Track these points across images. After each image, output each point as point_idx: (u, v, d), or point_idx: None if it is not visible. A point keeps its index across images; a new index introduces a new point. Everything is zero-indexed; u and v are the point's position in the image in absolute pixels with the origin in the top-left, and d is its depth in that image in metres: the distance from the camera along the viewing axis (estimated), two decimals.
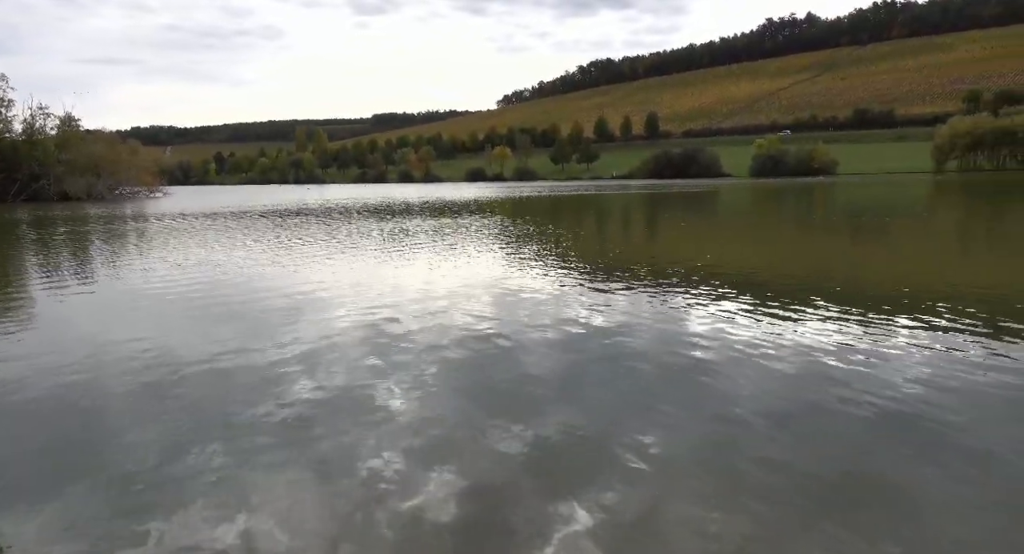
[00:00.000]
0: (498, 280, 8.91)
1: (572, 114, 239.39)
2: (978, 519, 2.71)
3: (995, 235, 15.45)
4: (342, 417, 3.92)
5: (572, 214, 26.68)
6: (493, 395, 4.30)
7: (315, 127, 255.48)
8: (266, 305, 7.40)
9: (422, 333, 5.93)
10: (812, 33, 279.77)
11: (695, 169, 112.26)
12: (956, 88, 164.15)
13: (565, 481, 3.08)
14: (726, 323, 6.14)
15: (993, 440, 3.44)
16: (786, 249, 13.41)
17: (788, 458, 3.28)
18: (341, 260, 11.42)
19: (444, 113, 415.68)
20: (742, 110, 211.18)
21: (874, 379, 4.43)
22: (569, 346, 5.49)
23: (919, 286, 8.06)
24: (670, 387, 4.40)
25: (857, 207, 27.03)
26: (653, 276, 8.99)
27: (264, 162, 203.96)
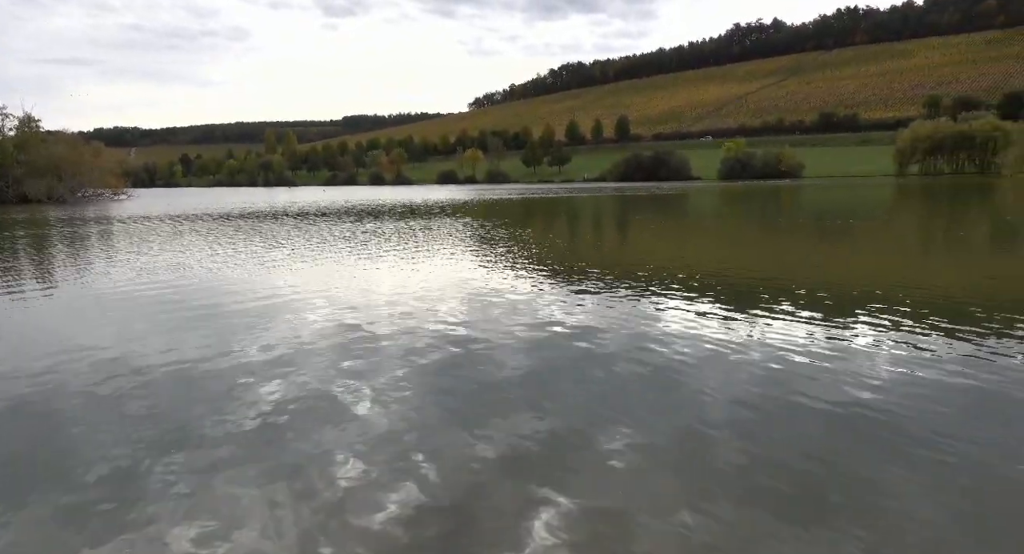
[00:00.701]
0: (470, 282, 8.89)
1: (543, 117, 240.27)
2: (941, 515, 2.76)
3: (953, 237, 15.85)
4: (311, 422, 3.87)
5: (544, 216, 26.76)
6: (465, 397, 4.28)
7: (285, 129, 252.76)
8: (233, 310, 7.29)
9: (393, 336, 5.88)
10: (779, 38, 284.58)
11: (665, 172, 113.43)
12: (917, 93, 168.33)
13: (537, 482, 3.07)
14: (696, 323, 6.20)
15: (955, 437, 3.52)
16: (754, 250, 13.60)
17: (757, 456, 3.32)
18: (310, 263, 11.29)
19: (415, 115, 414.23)
20: (711, 114, 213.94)
21: (840, 378, 4.51)
22: (541, 347, 5.49)
23: (882, 286, 8.23)
24: (641, 388, 4.43)
25: (822, 209, 27.54)
26: (624, 277, 9.05)
27: (232, 164, 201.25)
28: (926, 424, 3.69)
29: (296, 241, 15.52)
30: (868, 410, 3.91)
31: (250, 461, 3.36)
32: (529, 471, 3.20)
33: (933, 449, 3.37)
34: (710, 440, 3.54)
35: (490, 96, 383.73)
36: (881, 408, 3.94)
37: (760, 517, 2.76)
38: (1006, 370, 4.61)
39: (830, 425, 3.71)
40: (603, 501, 2.90)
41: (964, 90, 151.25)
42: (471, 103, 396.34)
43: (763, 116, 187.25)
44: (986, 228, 17.49)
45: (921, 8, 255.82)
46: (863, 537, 2.59)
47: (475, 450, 3.45)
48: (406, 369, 4.89)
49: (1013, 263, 11.13)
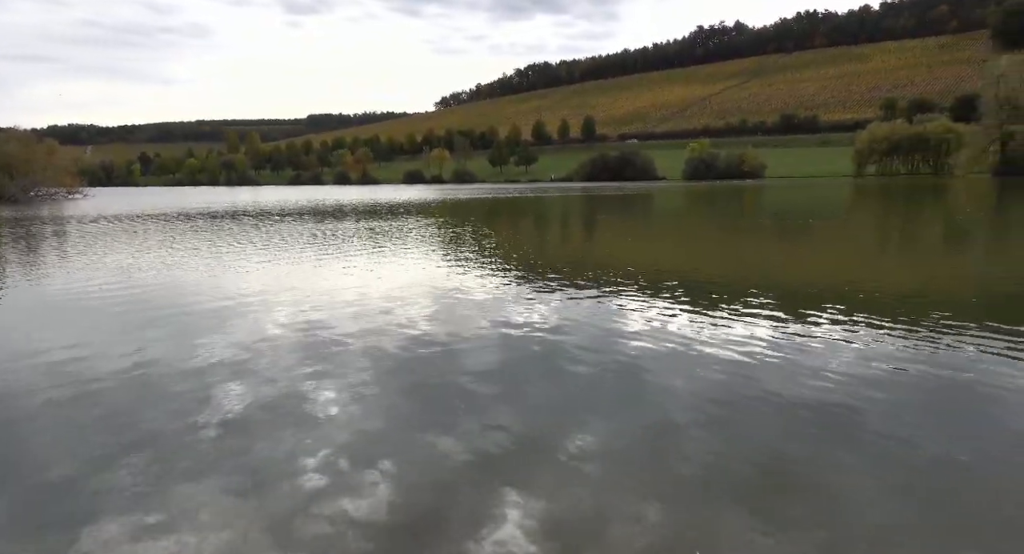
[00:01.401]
0: (436, 282, 8.85)
1: (510, 117, 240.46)
2: (893, 504, 2.84)
3: (907, 237, 16.30)
4: (274, 424, 3.81)
5: (510, 216, 26.79)
6: (430, 398, 4.27)
7: (247, 128, 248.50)
8: (193, 311, 7.14)
9: (358, 336, 5.83)
10: (741, 41, 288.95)
11: (631, 172, 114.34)
12: (874, 96, 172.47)
13: (504, 482, 3.07)
14: (661, 321, 6.27)
15: (907, 429, 3.62)
16: (717, 250, 13.80)
17: (720, 450, 3.37)
18: (274, 264, 11.13)
19: (381, 115, 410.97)
20: (676, 115, 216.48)
21: (800, 373, 4.61)
22: (507, 347, 5.49)
23: (839, 284, 8.42)
24: (607, 386, 4.46)
25: (784, 209, 28.08)
26: (590, 276, 9.10)
27: (193, 163, 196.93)
28: (882, 417, 3.79)
29: (258, 242, 15.28)
30: (827, 404, 4.00)
31: (210, 465, 3.30)
32: (496, 471, 3.21)
33: (889, 442, 3.46)
34: (674, 436, 3.58)
35: (456, 95, 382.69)
36: (839, 402, 4.03)
37: (723, 508, 2.80)
38: (957, 365, 4.76)
39: (790, 419, 3.79)
40: (569, 499, 2.91)
41: (919, 93, 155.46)
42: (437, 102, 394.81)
43: (726, 117, 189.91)
44: (939, 228, 18.01)
45: (877, 13, 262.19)
46: (822, 525, 2.65)
47: (441, 451, 3.44)
48: (371, 370, 4.85)
49: (963, 262, 11.48)
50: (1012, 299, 7.51)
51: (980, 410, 3.91)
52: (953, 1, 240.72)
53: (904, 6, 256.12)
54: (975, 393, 4.17)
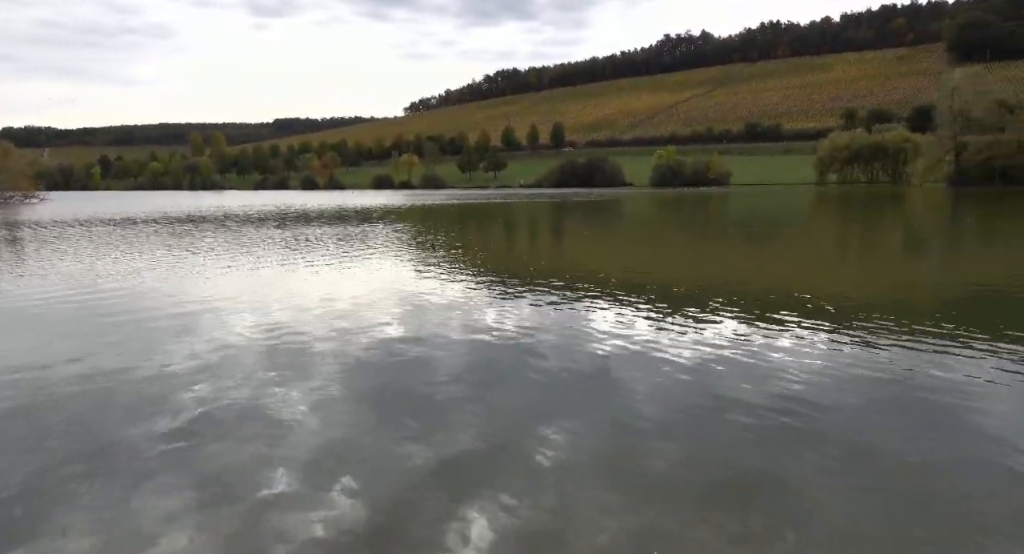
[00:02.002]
0: (404, 288, 8.81)
1: (479, 122, 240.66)
2: (854, 506, 2.90)
3: (866, 242, 16.70)
4: (237, 431, 3.75)
5: (480, 222, 26.78)
6: (397, 403, 4.24)
7: (212, 131, 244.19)
8: (155, 317, 6.99)
9: (324, 342, 5.77)
10: (707, 50, 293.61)
11: (599, 178, 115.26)
12: (835, 105, 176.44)
13: (470, 486, 3.07)
14: (628, 327, 6.32)
15: (867, 431, 3.71)
16: (684, 255, 13.97)
17: (686, 455, 3.41)
18: (238, 269, 10.96)
19: (349, 119, 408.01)
20: (643, 122, 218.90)
21: (763, 377, 4.68)
22: (474, 352, 5.49)
23: (802, 289, 8.58)
24: (574, 391, 4.48)
25: (748, 216, 28.57)
26: (558, 282, 9.14)
27: (156, 167, 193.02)
28: (842, 420, 3.87)
29: (222, 247, 15.03)
30: (789, 408, 4.07)
31: (170, 473, 3.23)
32: (462, 476, 3.20)
33: (849, 444, 3.53)
34: (639, 441, 3.61)
35: (426, 101, 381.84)
36: (801, 406, 4.10)
37: (689, 512, 2.83)
38: (914, 368, 4.88)
39: (753, 423, 3.84)
40: (535, 504, 2.91)
41: (877, 103, 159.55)
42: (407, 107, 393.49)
43: (693, 125, 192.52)
44: (897, 236, 18.49)
45: (838, 24, 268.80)
46: (785, 526, 2.69)
47: (407, 456, 3.42)
48: (336, 376, 4.80)
49: (919, 269, 11.80)
50: (965, 304, 7.74)
51: (936, 412, 4.01)
52: (910, 14, 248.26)
53: (864, 18, 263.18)
54: (931, 396, 4.28)
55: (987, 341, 5.59)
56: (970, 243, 16.13)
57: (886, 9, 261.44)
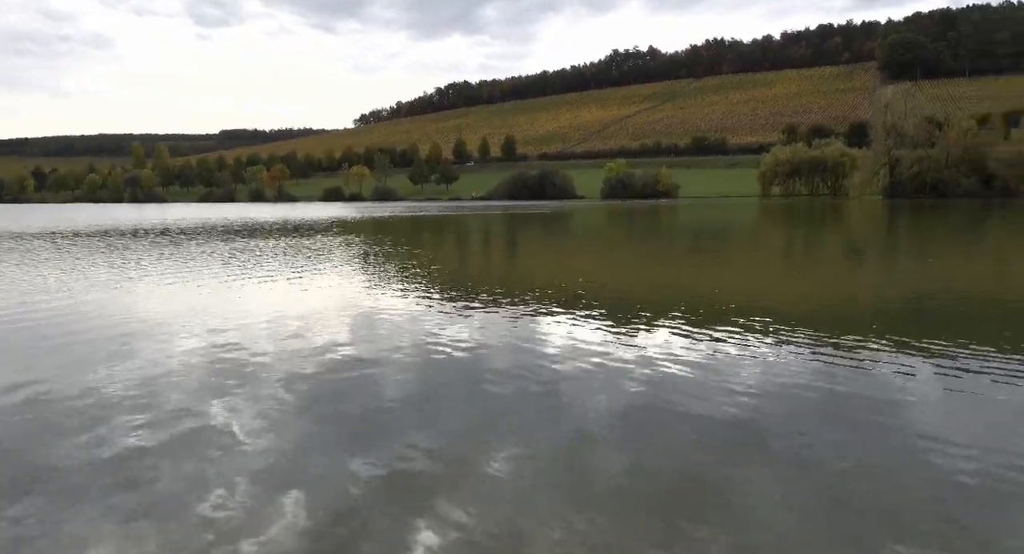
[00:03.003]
0: (355, 302, 8.70)
1: (431, 135, 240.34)
2: (792, 511, 2.98)
3: (808, 254, 17.26)
4: (180, 453, 3.63)
5: (432, 234, 26.68)
6: (347, 421, 4.17)
7: (155, 142, 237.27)
8: (91, 337, 6.72)
9: (271, 359, 5.65)
10: (654, 65, 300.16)
11: (551, 191, 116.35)
12: (777, 121, 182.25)
13: (421, 505, 3.04)
14: (580, 339, 6.38)
15: (810, 439, 3.82)
16: (634, 267, 14.18)
17: (636, 466, 3.45)
18: (181, 285, 10.65)
19: (298, 131, 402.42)
20: (593, 135, 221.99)
21: (711, 387, 4.78)
22: (426, 367, 5.45)
23: (748, 300, 8.81)
24: (526, 404, 4.49)
25: (696, 228, 29.21)
26: (510, 295, 9.17)
27: (94, 179, 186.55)
28: (786, 429, 3.98)
29: (165, 261, 14.59)
30: (736, 418, 4.16)
31: (109, 498, 3.11)
32: (412, 494, 3.16)
33: (793, 452, 3.63)
34: (591, 454, 3.64)
35: (376, 113, 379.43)
36: (747, 416, 4.20)
37: (640, 524, 2.86)
38: (854, 376, 5.05)
39: (702, 433, 3.92)
40: (486, 518, 2.90)
41: (816, 119, 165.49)
42: (357, 119, 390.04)
43: (642, 139, 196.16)
44: (836, 247, 19.15)
45: (779, 43, 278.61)
46: (732, 535, 2.74)
47: (355, 473, 3.37)
48: (284, 394, 4.70)
49: (856, 279, 12.24)
50: (900, 314, 8.06)
51: (872, 420, 4.16)
52: (846, 34, 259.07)
53: (803, 37, 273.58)
54: (867, 404, 4.43)
55: (919, 349, 5.83)
56: (905, 253, 16.83)
57: (823, 29, 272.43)
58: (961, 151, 65.82)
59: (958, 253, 16.06)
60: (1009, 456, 3.52)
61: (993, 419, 4.12)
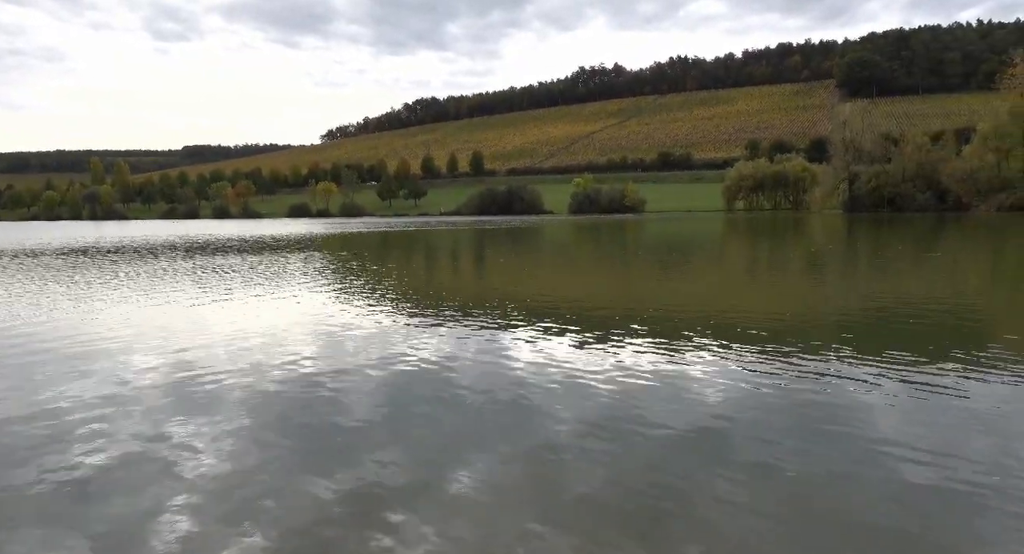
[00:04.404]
0: (321, 319, 8.60)
1: (399, 150, 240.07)
2: (755, 519, 3.00)
3: (771, 266, 17.57)
4: (137, 476, 3.53)
5: (400, 250, 26.56)
6: (311, 438, 4.11)
7: (114, 158, 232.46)
8: (44, 358, 6.52)
9: (234, 377, 5.54)
10: (620, 82, 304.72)
11: (519, 206, 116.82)
12: (740, 137, 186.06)
13: (387, 524, 3.00)
14: (547, 352, 6.38)
15: (770, 449, 3.87)
16: (601, 280, 14.28)
17: (603, 479, 3.45)
18: (140, 304, 10.41)
19: (264, 147, 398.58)
20: (560, 151, 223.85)
21: (678, 398, 4.82)
22: (393, 383, 5.40)
23: (715, 312, 8.93)
24: (493, 420, 4.47)
25: (663, 241, 29.57)
26: (478, 310, 9.15)
27: (51, 196, 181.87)
28: (750, 438, 4.03)
29: (123, 279, 14.26)
30: (702, 428, 4.20)
31: (61, 525, 3.01)
32: (378, 513, 3.12)
33: (757, 461, 3.68)
34: (559, 467, 3.64)
35: (343, 128, 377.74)
36: (713, 426, 4.24)
37: (606, 535, 2.86)
38: (815, 387, 5.14)
39: (669, 443, 3.94)
40: (453, 537, 2.88)
41: (778, 135, 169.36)
42: (323, 135, 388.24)
43: (608, 154, 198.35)
44: (798, 260, 19.53)
45: (740, 60, 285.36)
46: (696, 544, 2.76)
47: (321, 492, 3.31)
48: (248, 413, 4.62)
49: (819, 291, 12.49)
50: (860, 325, 8.23)
51: (837, 427, 4.23)
52: (804, 52, 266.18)
53: (763, 55, 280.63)
54: (832, 411, 4.51)
55: (878, 359, 5.96)
56: (865, 265, 17.22)
57: (783, 47, 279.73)
58: (916, 166, 67.77)
59: (915, 265, 16.50)
60: (964, 462, 3.61)
61: (948, 426, 4.22)
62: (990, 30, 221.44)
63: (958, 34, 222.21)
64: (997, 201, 58.89)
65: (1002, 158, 61.81)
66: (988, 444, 3.89)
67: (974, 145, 64.81)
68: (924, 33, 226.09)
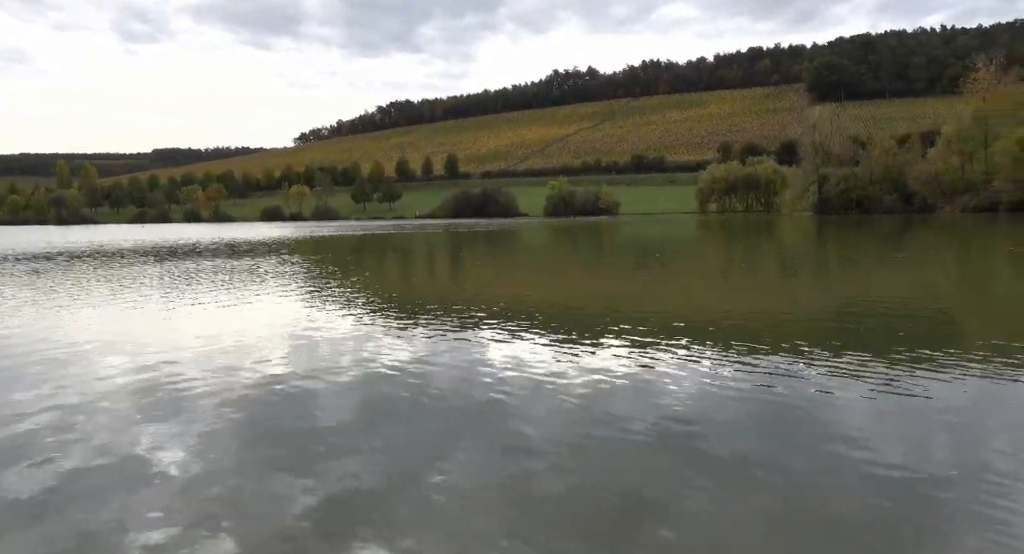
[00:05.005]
0: (293, 323, 8.50)
1: (373, 153, 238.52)
2: (727, 517, 3.03)
3: (744, 267, 17.78)
4: (105, 485, 3.45)
5: (375, 254, 26.39)
6: (283, 446, 4.05)
7: (82, 161, 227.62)
8: (10, 366, 6.37)
9: (205, 383, 5.45)
10: (593, 85, 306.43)
11: (494, 209, 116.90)
12: (713, 140, 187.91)
13: (359, 526, 2.98)
14: (522, 356, 6.38)
15: (742, 448, 3.90)
16: (578, 283, 14.32)
17: (578, 483, 3.46)
18: (110, 309, 10.21)
19: (235, 149, 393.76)
20: (535, 153, 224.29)
21: (652, 400, 4.85)
22: (366, 388, 5.36)
23: (688, 314, 9.00)
24: (465, 424, 4.45)
25: (637, 243, 29.76)
26: (453, 314, 9.12)
27: (16, 200, 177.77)
28: (723, 439, 4.06)
29: (93, 284, 13.98)
30: (672, 428, 4.22)
31: (27, 533, 2.93)
32: (350, 520, 3.09)
33: (725, 460, 3.71)
34: (534, 471, 3.63)
35: (317, 131, 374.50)
36: (683, 425, 4.27)
37: (579, 540, 2.86)
38: (786, 385, 5.20)
39: (642, 446, 3.96)
40: (427, 540, 2.86)
41: (749, 138, 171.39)
42: (297, 138, 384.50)
43: (583, 157, 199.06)
44: (770, 261, 19.80)
45: (712, 64, 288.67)
46: (669, 547, 2.77)
47: (293, 498, 3.27)
48: (218, 419, 4.54)
49: (790, 290, 12.67)
50: (830, 324, 8.36)
51: (809, 427, 4.28)
52: (774, 56, 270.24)
53: (734, 58, 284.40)
54: (803, 411, 4.57)
55: (847, 359, 6.05)
56: (836, 266, 17.51)
57: (753, 51, 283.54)
58: (883, 169, 69.12)
59: (883, 266, 16.80)
60: (929, 459, 3.68)
61: (915, 423, 4.30)
62: (953, 36, 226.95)
63: (923, 39, 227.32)
64: (961, 203, 60.31)
65: (966, 161, 63.32)
66: (953, 441, 3.97)
67: (939, 148, 66.28)
68: (890, 38, 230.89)
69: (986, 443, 3.93)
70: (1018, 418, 4.39)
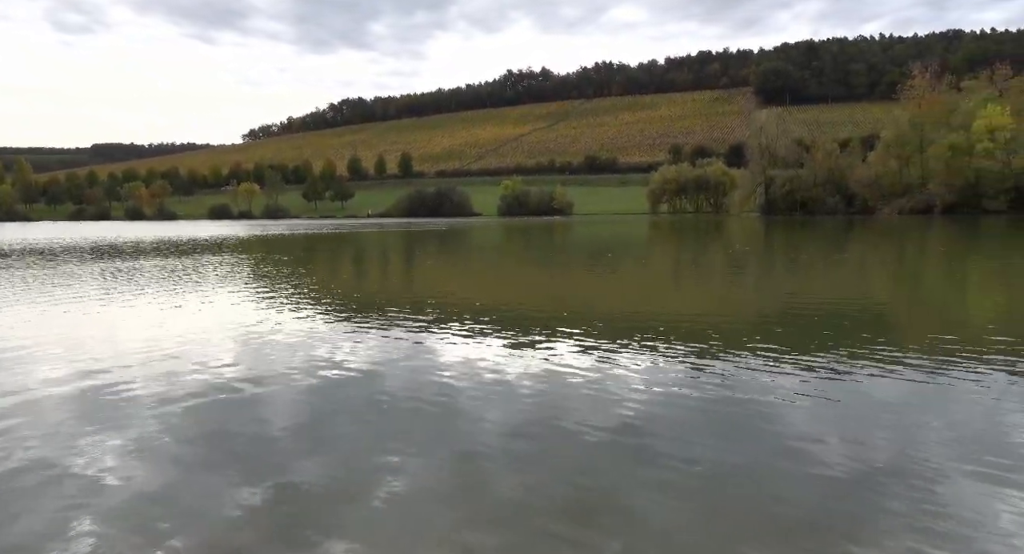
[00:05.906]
0: (241, 324, 8.29)
1: (324, 151, 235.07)
2: (674, 513, 3.07)
3: (694, 267, 18.12)
4: (37, 494, 3.30)
5: (326, 253, 25.98)
6: (228, 448, 3.94)
7: (14, 156, 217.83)
8: None
9: (146, 386, 5.27)
10: (547, 86, 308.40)
11: (448, 208, 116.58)
12: (664, 141, 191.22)
13: (309, 529, 2.92)
14: (474, 357, 6.35)
15: (691, 445, 3.96)
16: (531, 283, 14.36)
17: (530, 482, 3.45)
18: (41, 309, 9.78)
19: (180, 146, 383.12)
20: (489, 153, 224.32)
21: (603, 400, 4.88)
22: (317, 389, 5.26)
23: (642, 313, 9.12)
24: (420, 425, 4.41)
25: (591, 244, 30.04)
26: (406, 314, 9.03)
27: None
28: (670, 436, 4.11)
29: (22, 283, 13.38)
30: (624, 427, 4.26)
31: None
32: (297, 524, 3.03)
33: (674, 457, 3.75)
34: (486, 471, 3.61)
35: (266, 128, 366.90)
36: (635, 424, 4.32)
37: (532, 537, 2.86)
38: (735, 384, 5.31)
39: (594, 446, 3.98)
40: (378, 542, 2.83)
41: (699, 140, 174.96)
42: (245, 135, 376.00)
43: (537, 157, 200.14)
44: (719, 261, 20.22)
45: (663, 67, 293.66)
46: (619, 540, 2.79)
47: (239, 504, 3.17)
48: (159, 423, 4.39)
49: (740, 290, 12.96)
50: (775, 322, 8.58)
51: (755, 423, 4.37)
52: (723, 60, 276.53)
53: (684, 62, 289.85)
54: (749, 407, 4.67)
55: (792, 357, 6.21)
56: (782, 266, 17.99)
57: (703, 55, 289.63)
58: (826, 172, 71.43)
59: (826, 266, 17.33)
60: (870, 452, 3.80)
61: (856, 418, 4.43)
62: (891, 44, 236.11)
63: (863, 46, 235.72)
64: (899, 205, 62.76)
65: (903, 164, 65.93)
66: (893, 436, 4.11)
67: (878, 152, 68.88)
68: (832, 45, 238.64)
69: (921, 437, 4.08)
70: (951, 411, 4.57)
